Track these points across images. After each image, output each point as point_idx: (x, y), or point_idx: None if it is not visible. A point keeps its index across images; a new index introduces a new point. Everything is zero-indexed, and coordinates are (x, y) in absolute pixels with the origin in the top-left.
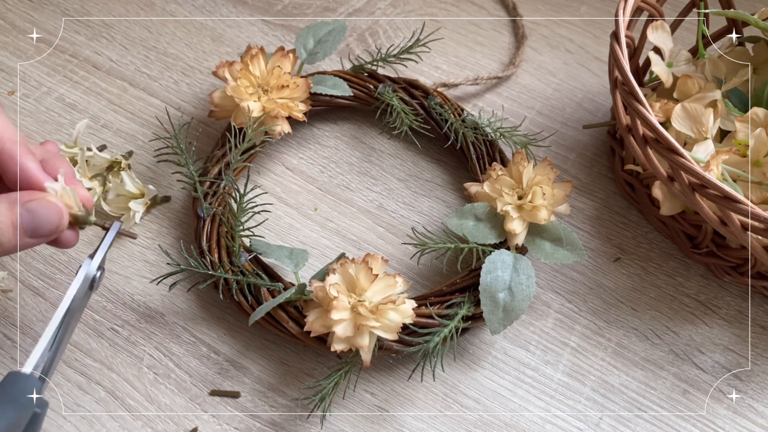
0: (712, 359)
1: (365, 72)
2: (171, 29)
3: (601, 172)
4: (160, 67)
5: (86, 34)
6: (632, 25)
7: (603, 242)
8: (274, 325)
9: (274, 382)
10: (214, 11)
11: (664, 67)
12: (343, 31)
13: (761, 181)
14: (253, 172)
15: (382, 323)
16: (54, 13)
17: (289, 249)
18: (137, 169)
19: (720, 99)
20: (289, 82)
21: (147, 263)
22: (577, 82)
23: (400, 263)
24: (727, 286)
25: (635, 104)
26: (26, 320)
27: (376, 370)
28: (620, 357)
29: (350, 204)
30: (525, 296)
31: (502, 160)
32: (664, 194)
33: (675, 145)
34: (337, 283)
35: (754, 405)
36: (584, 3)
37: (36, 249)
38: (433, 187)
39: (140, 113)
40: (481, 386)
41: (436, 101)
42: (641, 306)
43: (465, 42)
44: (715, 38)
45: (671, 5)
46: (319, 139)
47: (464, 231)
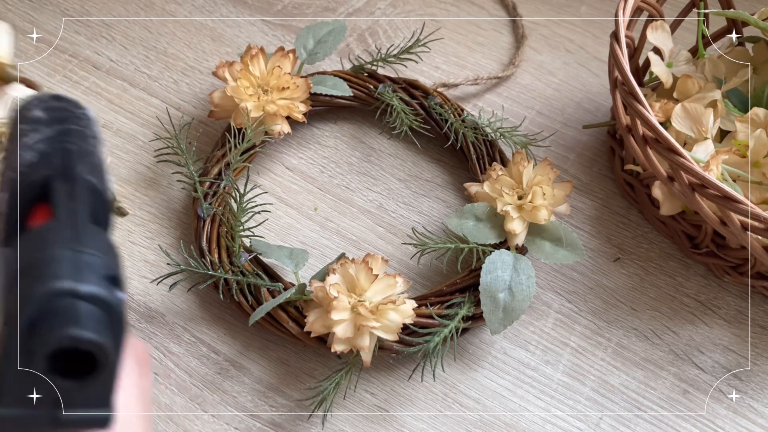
0: (712, 359)
1: (365, 72)
2: (171, 29)
3: (601, 172)
4: (160, 67)
5: (86, 34)
6: (632, 25)
7: (603, 242)
8: (274, 325)
9: (274, 382)
10: (214, 11)
11: (664, 67)
12: (343, 31)
13: (761, 181)
14: (252, 172)
15: (383, 323)
16: (54, 13)
17: (289, 249)
18: (137, 169)
19: (720, 99)
20: (289, 82)
21: (147, 263)
22: (577, 82)
23: (400, 263)
24: (727, 286)
25: (635, 104)
26: None
27: (377, 370)
28: (620, 357)
29: (350, 204)
30: (525, 296)
31: (502, 160)
32: (664, 194)
33: (675, 145)
34: (337, 283)
35: (754, 405)
36: (584, 3)
37: None
38: (433, 187)
39: (140, 113)
40: (481, 386)
41: (436, 101)
42: (641, 306)
43: (465, 42)
44: (715, 38)
45: (671, 5)
46: (319, 139)
47: (464, 231)
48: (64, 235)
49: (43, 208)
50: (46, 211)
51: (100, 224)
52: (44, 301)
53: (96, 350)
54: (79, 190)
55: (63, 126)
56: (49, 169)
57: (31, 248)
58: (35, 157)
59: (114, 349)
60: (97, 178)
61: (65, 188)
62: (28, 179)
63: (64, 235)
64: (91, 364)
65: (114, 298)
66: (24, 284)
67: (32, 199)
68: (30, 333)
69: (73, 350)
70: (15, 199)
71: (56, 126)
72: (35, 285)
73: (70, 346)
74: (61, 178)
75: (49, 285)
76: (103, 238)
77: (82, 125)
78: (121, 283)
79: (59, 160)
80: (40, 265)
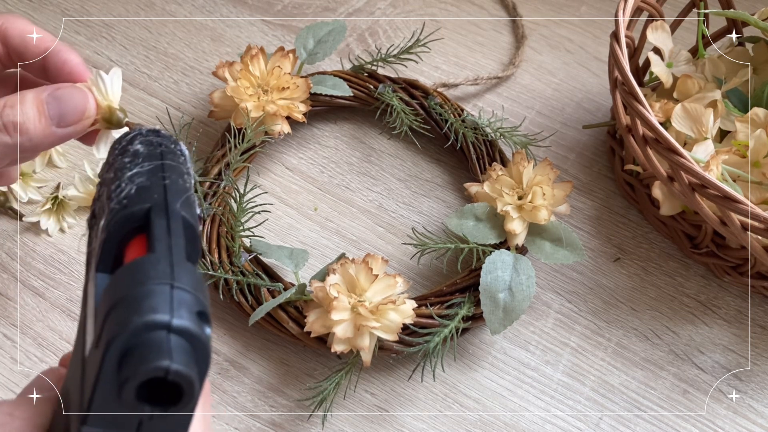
0: (712, 359)
1: (365, 72)
2: (171, 29)
3: (601, 172)
4: (160, 67)
5: (86, 34)
6: (632, 25)
7: (603, 242)
8: (274, 325)
9: (274, 382)
10: (214, 11)
11: (664, 67)
12: (343, 31)
13: (761, 182)
14: (252, 172)
15: (383, 323)
16: (54, 13)
17: (289, 249)
18: None
19: (720, 99)
20: (289, 82)
21: None
22: (577, 82)
23: (400, 263)
24: (727, 286)
25: (635, 104)
26: (26, 320)
27: (377, 371)
28: (620, 357)
29: (350, 204)
30: (525, 296)
31: (502, 160)
32: (664, 194)
33: (675, 145)
34: (337, 283)
35: (754, 405)
36: (584, 3)
37: (35, 249)
38: (433, 187)
39: (140, 113)
40: (481, 386)
41: (436, 101)
42: (641, 306)
43: (465, 42)
44: (715, 38)
45: (671, 5)
46: (319, 139)
47: (464, 231)
48: (162, 270)
49: (138, 240)
50: (141, 243)
51: (191, 260)
52: (140, 331)
53: (184, 382)
54: (175, 225)
55: (161, 161)
56: (147, 202)
57: (130, 280)
58: (134, 189)
59: (199, 382)
60: (190, 214)
61: (163, 223)
62: (128, 211)
63: (162, 271)
64: (175, 394)
65: (203, 334)
66: (121, 313)
67: (130, 231)
68: (123, 360)
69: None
70: (113, 228)
71: (155, 161)
72: (132, 315)
73: (161, 377)
74: (160, 213)
75: (147, 317)
76: (195, 275)
77: (179, 161)
78: (208, 319)
79: (157, 195)
80: (139, 296)
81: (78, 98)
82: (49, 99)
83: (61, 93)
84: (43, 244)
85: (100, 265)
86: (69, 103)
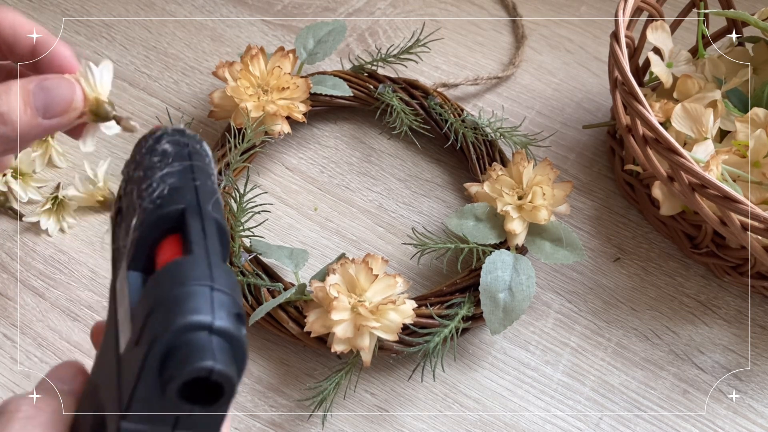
0: (712, 359)
1: (365, 72)
2: (171, 29)
3: (601, 172)
4: (160, 67)
5: (86, 34)
6: (632, 25)
7: (603, 242)
8: (274, 325)
9: (274, 382)
10: (214, 11)
11: (664, 67)
12: (343, 31)
13: (761, 182)
14: (252, 172)
15: (382, 323)
16: (54, 13)
17: (289, 249)
18: None
19: (720, 99)
20: (289, 82)
21: None
22: (577, 82)
23: (400, 263)
24: (727, 286)
25: (635, 104)
26: (26, 320)
27: (377, 371)
28: (620, 357)
29: (350, 204)
30: (525, 296)
31: (502, 160)
32: (664, 194)
33: (675, 145)
34: (337, 283)
35: (754, 405)
36: (584, 3)
37: (36, 249)
38: (433, 187)
39: (140, 113)
40: (481, 386)
41: (436, 101)
42: (641, 306)
43: (465, 42)
44: (715, 38)
45: (671, 5)
46: (319, 139)
47: (464, 231)
48: (201, 272)
49: (170, 240)
50: (174, 243)
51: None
52: (183, 332)
53: (225, 382)
54: (209, 227)
55: (189, 162)
56: (181, 203)
57: (171, 281)
58: (167, 190)
59: (237, 381)
60: (221, 216)
61: (198, 225)
62: (163, 211)
63: (202, 272)
64: (214, 394)
65: (241, 334)
66: (163, 313)
67: (163, 231)
68: (165, 359)
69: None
70: (147, 227)
71: (184, 161)
72: (174, 316)
73: (204, 377)
74: (193, 215)
75: (189, 318)
76: (231, 277)
77: (205, 162)
78: (244, 320)
79: (190, 196)
80: (180, 298)
81: (65, 89)
82: (35, 89)
83: (48, 83)
84: (43, 244)
85: (132, 263)
86: (56, 94)
